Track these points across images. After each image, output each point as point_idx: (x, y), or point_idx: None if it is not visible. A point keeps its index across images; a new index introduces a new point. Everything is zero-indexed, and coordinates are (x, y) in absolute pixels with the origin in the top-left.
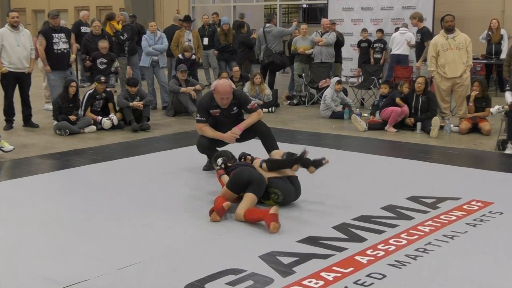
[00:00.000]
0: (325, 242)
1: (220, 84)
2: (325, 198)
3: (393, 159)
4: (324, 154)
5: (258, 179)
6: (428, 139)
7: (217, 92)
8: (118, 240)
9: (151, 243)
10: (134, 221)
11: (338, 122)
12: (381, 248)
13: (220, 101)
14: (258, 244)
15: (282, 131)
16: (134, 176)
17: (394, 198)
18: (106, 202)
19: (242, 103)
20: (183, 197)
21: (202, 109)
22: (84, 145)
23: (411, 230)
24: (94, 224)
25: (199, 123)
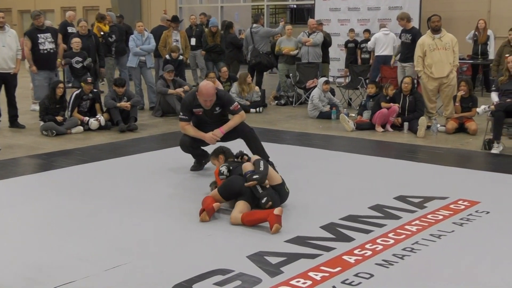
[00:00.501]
0: (313, 242)
1: (204, 86)
2: (313, 198)
3: (380, 159)
4: (312, 154)
5: (249, 193)
6: (415, 138)
7: (201, 94)
8: (105, 241)
9: (139, 244)
10: (121, 221)
11: (325, 122)
12: (369, 247)
13: (203, 103)
14: (246, 244)
15: (270, 131)
16: (122, 177)
17: (381, 198)
18: (93, 203)
19: (225, 104)
20: (171, 197)
21: (185, 108)
22: (71, 146)
23: (398, 229)
24: (81, 225)
25: (182, 122)
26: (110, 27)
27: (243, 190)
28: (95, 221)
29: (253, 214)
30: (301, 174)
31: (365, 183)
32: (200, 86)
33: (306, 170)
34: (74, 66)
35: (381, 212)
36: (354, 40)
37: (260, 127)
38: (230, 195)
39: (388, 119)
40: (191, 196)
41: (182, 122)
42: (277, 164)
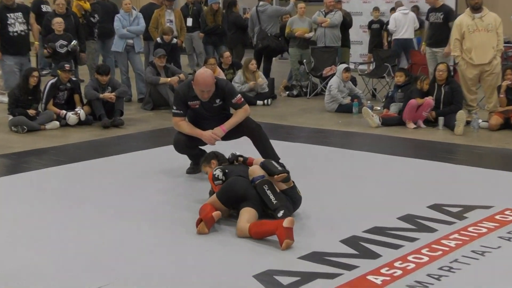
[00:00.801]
0: (331, 258)
1: (201, 74)
2: (331, 206)
3: (411, 161)
4: (330, 154)
5: (255, 194)
6: (452, 136)
7: (197, 83)
8: (82, 257)
9: (124, 261)
10: (103, 234)
11: (346, 116)
12: (398, 266)
13: (200, 94)
14: (253, 261)
15: (280, 127)
16: (105, 181)
17: (413, 207)
18: (71, 212)
19: (227, 96)
20: (162, 205)
21: (179, 100)
22: (45, 144)
23: (433, 244)
24: (55, 237)
25: (175, 117)
26: (92, 5)
27: (248, 193)
28: (72, 234)
29: (261, 225)
30: (317, 178)
31: (393, 189)
32: (196, 74)
33: (323, 174)
34: (58, 51)
35: (412, 224)
36: (379, 20)
37: (268, 122)
38: (231, 200)
39: (420, 114)
40: (187, 204)
41: (175, 117)
42: (288, 166)
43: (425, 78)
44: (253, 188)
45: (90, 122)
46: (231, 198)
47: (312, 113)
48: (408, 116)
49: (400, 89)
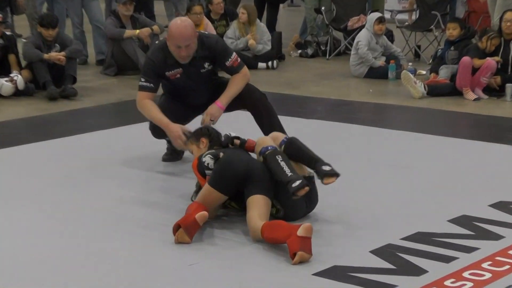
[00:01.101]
0: (359, 275)
1: (175, 24)
2: (359, 206)
3: (468, 143)
4: (357, 134)
5: (262, 170)
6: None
7: (170, 37)
8: (24, 270)
9: (74, 280)
10: (48, 243)
11: (379, 83)
12: (450, 285)
13: (176, 52)
14: (250, 277)
15: (290, 98)
16: (52, 171)
17: (470, 205)
18: (6, 213)
19: (218, 57)
20: (130, 204)
21: (150, 70)
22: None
23: (498, 256)
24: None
25: (141, 91)
26: None
27: (253, 169)
28: (11, 240)
29: (274, 229)
30: (339, 168)
31: (443, 182)
32: (169, 25)
33: (347, 161)
34: None
35: (469, 228)
36: None
37: (273, 91)
38: (231, 183)
39: (477, 79)
40: (164, 203)
41: (141, 92)
42: None
43: (493, 34)
44: (258, 163)
45: (30, 92)
46: (231, 181)
47: (333, 79)
48: (463, 81)
49: (453, 46)
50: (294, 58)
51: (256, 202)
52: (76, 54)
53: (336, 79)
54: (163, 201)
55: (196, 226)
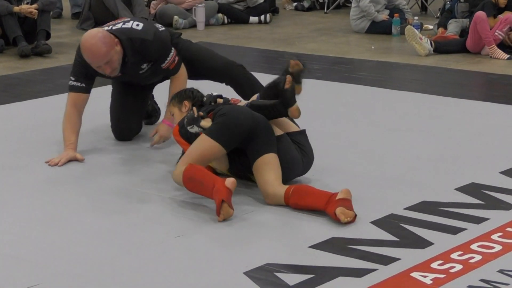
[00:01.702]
0: (359, 247)
1: (85, 42)
2: (359, 174)
3: (479, 105)
4: (358, 95)
5: (267, 125)
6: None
7: (84, 55)
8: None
9: (58, 256)
10: (19, 213)
11: (382, 39)
12: (457, 258)
13: (98, 70)
14: (245, 251)
15: (284, 55)
16: (23, 135)
17: (479, 173)
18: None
19: (153, 60)
20: (106, 173)
21: (80, 70)
22: None
23: (509, 227)
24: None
25: (72, 92)
26: None
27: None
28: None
29: (305, 196)
30: (338, 130)
31: (450, 147)
32: (81, 40)
33: (346, 123)
34: None
35: (478, 197)
36: None
37: (266, 48)
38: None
39: (492, 34)
40: (142, 171)
41: (71, 93)
42: None
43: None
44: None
45: (0, 49)
46: (236, 134)
47: (332, 35)
48: (486, 38)
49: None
50: (289, 12)
51: (269, 163)
52: (49, 7)
53: (334, 35)
54: (142, 170)
55: (231, 195)
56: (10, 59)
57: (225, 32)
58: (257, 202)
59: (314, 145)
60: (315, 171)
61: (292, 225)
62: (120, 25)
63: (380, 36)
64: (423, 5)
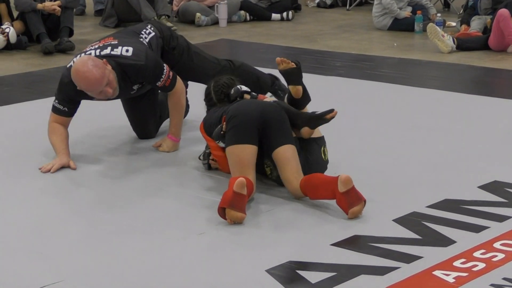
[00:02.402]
0: (381, 245)
1: (77, 71)
2: (381, 171)
3: (502, 102)
4: (380, 92)
5: (278, 113)
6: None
7: (77, 83)
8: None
9: (76, 253)
10: (42, 210)
11: (404, 36)
12: (481, 257)
13: (97, 97)
14: (266, 249)
15: (306, 52)
16: (44, 136)
17: (502, 170)
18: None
19: (146, 81)
20: (128, 171)
21: (66, 94)
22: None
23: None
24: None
25: (54, 114)
26: None
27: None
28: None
29: (315, 189)
30: (360, 128)
31: (473, 144)
32: (73, 72)
33: (369, 120)
34: None
35: (501, 195)
36: None
37: (288, 45)
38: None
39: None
40: (163, 169)
41: (54, 115)
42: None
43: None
44: (273, 104)
45: (23, 46)
46: (250, 128)
47: (354, 32)
48: (508, 35)
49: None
50: (311, 9)
51: (284, 158)
52: (72, 4)
53: (357, 32)
54: (163, 168)
55: (240, 198)
56: (34, 56)
57: (247, 29)
58: (278, 199)
59: (336, 142)
60: (337, 169)
61: (314, 223)
62: (108, 50)
63: (403, 33)
64: (446, 2)
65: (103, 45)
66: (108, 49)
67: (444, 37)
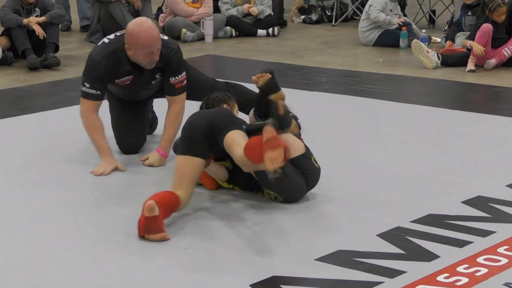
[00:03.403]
0: (365, 260)
1: (142, 29)
2: (365, 186)
3: (485, 118)
4: (366, 108)
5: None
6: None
7: (140, 44)
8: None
9: (66, 268)
10: (28, 224)
11: (390, 52)
12: (464, 272)
13: (146, 58)
14: (250, 263)
15: (292, 68)
16: (32, 147)
17: (486, 186)
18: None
19: (168, 69)
20: (115, 184)
21: (97, 75)
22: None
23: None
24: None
25: (86, 99)
26: None
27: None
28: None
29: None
30: (344, 143)
31: (456, 160)
32: (131, 30)
33: (354, 136)
34: None
35: (485, 210)
36: None
37: (274, 61)
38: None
39: (499, 51)
40: (156, 181)
41: (86, 101)
42: (303, 125)
43: (499, 5)
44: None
45: (9, 62)
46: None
47: (340, 47)
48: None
49: (470, 11)
50: (296, 25)
51: (231, 140)
52: (58, 20)
53: (342, 48)
54: (157, 180)
55: (153, 220)
56: (19, 71)
57: (233, 45)
58: (262, 214)
59: (320, 158)
60: (320, 184)
61: (298, 238)
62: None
63: (388, 49)
64: (431, 17)
65: None
66: None
67: (428, 53)
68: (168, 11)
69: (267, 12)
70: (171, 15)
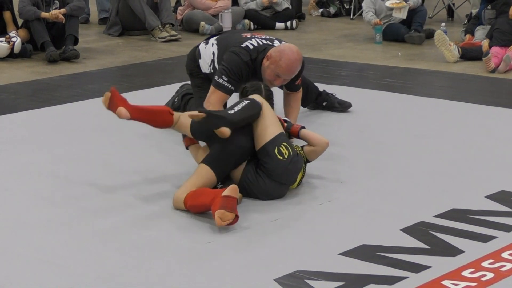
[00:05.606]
0: (389, 255)
1: (290, 57)
2: (388, 181)
3: (506, 111)
4: (385, 101)
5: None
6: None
7: (278, 66)
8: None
9: (79, 259)
10: (49, 216)
11: (409, 46)
12: (489, 267)
13: (272, 79)
14: (275, 259)
15: (310, 61)
16: (52, 140)
17: (509, 180)
18: (2, 185)
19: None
20: (135, 176)
21: (239, 72)
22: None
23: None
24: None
25: (219, 90)
26: None
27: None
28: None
29: (198, 196)
30: (366, 139)
31: (479, 154)
32: (282, 52)
33: (374, 130)
34: None
35: (508, 205)
36: None
37: None
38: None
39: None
40: (173, 174)
41: (218, 92)
42: (320, 120)
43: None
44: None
45: (28, 54)
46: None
47: (358, 41)
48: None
49: (490, 4)
50: (315, 18)
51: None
52: (77, 12)
53: (361, 41)
54: (173, 172)
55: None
56: (38, 64)
57: None
58: (285, 209)
59: (342, 152)
60: (343, 179)
61: (322, 232)
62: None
63: (407, 43)
64: (451, 10)
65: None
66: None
67: (451, 46)
68: (186, 4)
69: (285, 5)
70: (190, 8)
